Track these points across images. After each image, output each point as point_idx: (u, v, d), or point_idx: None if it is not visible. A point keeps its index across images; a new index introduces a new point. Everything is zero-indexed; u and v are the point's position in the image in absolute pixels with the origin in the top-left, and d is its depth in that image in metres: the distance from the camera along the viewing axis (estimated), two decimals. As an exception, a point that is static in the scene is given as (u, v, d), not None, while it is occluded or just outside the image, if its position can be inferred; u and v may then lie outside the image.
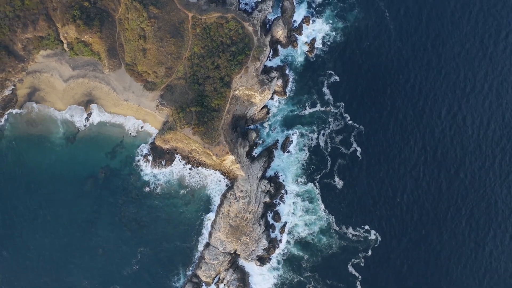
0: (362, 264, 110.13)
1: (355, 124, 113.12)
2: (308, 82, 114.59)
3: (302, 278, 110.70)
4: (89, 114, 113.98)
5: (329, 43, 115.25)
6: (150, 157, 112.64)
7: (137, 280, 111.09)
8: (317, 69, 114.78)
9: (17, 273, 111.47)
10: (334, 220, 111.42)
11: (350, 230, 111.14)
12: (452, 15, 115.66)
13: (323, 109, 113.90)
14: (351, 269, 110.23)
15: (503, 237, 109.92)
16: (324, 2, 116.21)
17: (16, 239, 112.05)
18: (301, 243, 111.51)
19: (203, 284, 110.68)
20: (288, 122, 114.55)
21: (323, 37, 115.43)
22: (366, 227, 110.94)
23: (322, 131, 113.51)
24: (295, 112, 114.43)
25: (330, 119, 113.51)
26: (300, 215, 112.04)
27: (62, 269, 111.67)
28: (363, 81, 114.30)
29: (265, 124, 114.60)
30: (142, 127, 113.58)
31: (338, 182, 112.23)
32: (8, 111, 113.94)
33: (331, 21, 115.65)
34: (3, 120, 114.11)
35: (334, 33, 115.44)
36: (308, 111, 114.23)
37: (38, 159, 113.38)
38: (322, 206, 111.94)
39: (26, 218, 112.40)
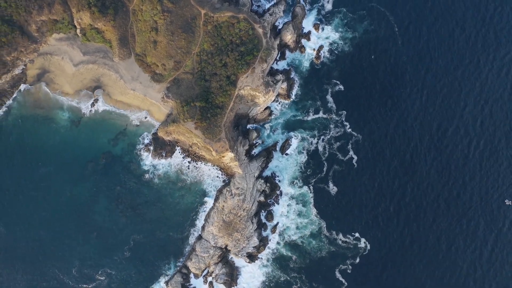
0: (349, 271, 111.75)
1: (354, 132, 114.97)
2: (313, 89, 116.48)
3: (289, 278, 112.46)
4: (96, 100, 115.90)
5: (336, 52, 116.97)
6: (151, 147, 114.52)
7: (128, 266, 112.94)
8: (323, 76, 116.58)
9: (13, 246, 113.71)
10: (325, 225, 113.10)
11: (340, 236, 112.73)
12: (459, 37, 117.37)
13: (325, 116, 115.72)
14: (338, 275, 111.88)
15: (489, 253, 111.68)
16: (334, 11, 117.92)
17: (13, 215, 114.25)
18: (291, 244, 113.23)
19: (192, 275, 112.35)
20: (290, 126, 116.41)
21: (331, 45, 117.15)
22: (357, 234, 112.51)
23: (322, 137, 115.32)
24: (298, 117, 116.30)
25: (331, 125, 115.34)
26: (293, 217, 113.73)
27: (56, 247, 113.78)
28: (366, 92, 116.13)
29: (267, 125, 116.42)
30: (146, 117, 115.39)
31: (332, 188, 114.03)
32: (17, 90, 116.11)
33: (340, 30, 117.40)
34: (11, 98, 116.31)
35: (342, 42, 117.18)
36: (311, 117, 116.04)
37: (42, 139, 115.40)
38: (315, 211, 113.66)
39: (25, 195, 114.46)
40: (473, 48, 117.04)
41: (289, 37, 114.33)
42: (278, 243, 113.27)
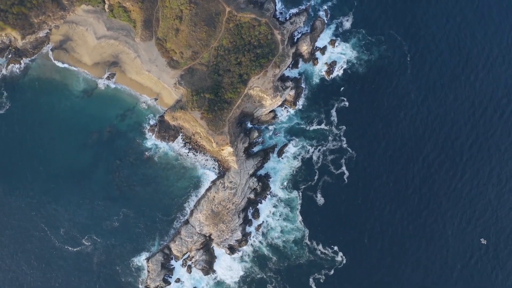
0: (322, 281, 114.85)
1: (349, 149, 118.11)
2: (319, 101, 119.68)
3: (265, 277, 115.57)
4: (111, 75, 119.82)
5: (348, 70, 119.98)
6: (156, 129, 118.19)
7: (114, 235, 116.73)
8: (331, 91, 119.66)
9: (7, 197, 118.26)
10: (308, 233, 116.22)
11: (320, 247, 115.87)
12: (467, 79, 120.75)
13: (326, 128, 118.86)
14: (311, 282, 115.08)
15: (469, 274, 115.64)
16: (352, 31, 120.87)
17: (14, 166, 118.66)
18: (273, 246, 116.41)
19: (173, 257, 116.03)
20: (292, 132, 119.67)
21: (344, 62, 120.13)
22: (336, 248, 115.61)
23: (319, 147, 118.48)
24: (301, 125, 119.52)
25: (330, 138, 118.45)
26: (278, 219, 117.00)
27: (49, 205, 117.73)
28: (369, 113, 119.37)
29: (271, 127, 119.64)
30: (156, 100, 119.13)
31: (320, 199, 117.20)
32: (39, 52, 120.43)
33: (356, 50, 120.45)
34: (30, 59, 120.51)
35: (356, 62, 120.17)
36: (313, 127, 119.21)
37: (53, 103, 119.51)
38: (300, 217, 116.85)
39: (29, 152, 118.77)
40: (475, 93, 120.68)
41: (305, 47, 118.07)
42: (261, 242, 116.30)
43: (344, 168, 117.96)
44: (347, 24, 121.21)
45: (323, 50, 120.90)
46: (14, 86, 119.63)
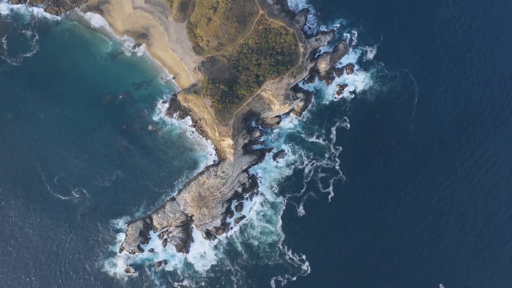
0: (282, 284, 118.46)
1: (340, 171, 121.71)
2: (323, 117, 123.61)
3: (232, 269, 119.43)
4: (138, 45, 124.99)
5: (358, 96, 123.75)
6: (166, 105, 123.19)
7: (103, 193, 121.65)
8: (336, 110, 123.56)
9: (11, 134, 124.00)
10: (283, 238, 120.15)
11: (290, 253, 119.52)
12: (467, 140, 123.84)
13: (323, 143, 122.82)
14: (272, 283, 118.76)
15: None
16: (373, 61, 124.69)
17: (26, 106, 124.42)
18: (247, 243, 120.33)
19: (152, 227, 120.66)
20: (292, 139, 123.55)
21: (356, 88, 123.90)
22: (304, 257, 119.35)
23: (314, 161, 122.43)
24: (302, 135, 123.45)
25: (326, 155, 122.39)
26: (261, 220, 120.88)
27: (50, 152, 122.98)
28: (367, 142, 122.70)
29: (272, 131, 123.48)
30: (174, 78, 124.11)
31: (301, 210, 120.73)
32: (77, 7, 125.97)
33: (371, 80, 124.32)
34: (67, 12, 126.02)
35: (367, 90, 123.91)
36: (312, 139, 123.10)
37: (78, 57, 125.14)
38: (280, 223, 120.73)
39: (44, 95, 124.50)
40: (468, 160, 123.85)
41: (323, 66, 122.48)
42: (237, 237, 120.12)
43: (331, 188, 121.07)
44: (369, 54, 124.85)
45: (339, 72, 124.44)
46: (47, 32, 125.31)
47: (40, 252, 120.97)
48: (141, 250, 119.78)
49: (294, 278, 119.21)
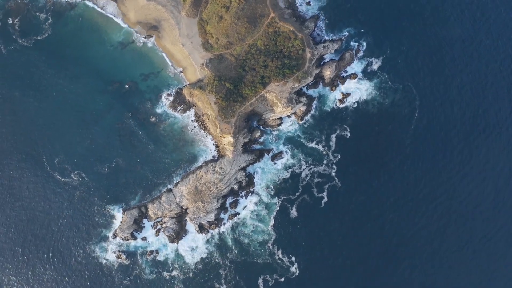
0: (270, 284, 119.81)
1: (336, 178, 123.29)
2: (324, 123, 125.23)
3: (221, 263, 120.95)
4: (148, 36, 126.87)
5: (360, 106, 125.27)
6: (171, 98, 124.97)
7: (102, 179, 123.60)
8: (337, 118, 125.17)
9: (19, 113, 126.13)
10: (273, 238, 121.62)
11: (280, 253, 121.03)
12: (460, 155, 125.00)
13: (322, 150, 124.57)
14: (260, 281, 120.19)
15: None
16: (377, 72, 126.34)
17: (35, 87, 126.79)
18: (238, 240, 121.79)
19: (147, 216, 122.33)
20: (292, 143, 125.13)
21: (359, 97, 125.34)
22: (293, 258, 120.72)
23: (312, 166, 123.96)
24: (301, 140, 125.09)
25: (324, 161, 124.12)
26: (255, 219, 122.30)
27: (54, 133, 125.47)
28: (365, 152, 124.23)
29: (273, 132, 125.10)
30: (181, 72, 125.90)
31: (294, 212, 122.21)
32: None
33: (374, 91, 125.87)
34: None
35: (370, 100, 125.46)
36: (312, 145, 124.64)
37: (89, 44, 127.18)
38: (272, 222, 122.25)
39: (52, 78, 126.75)
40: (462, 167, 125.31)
41: (328, 73, 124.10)
42: (229, 233, 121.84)
43: (325, 193, 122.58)
44: (374, 65, 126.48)
45: (344, 80, 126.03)
46: (60, 16, 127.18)
47: (32, 229, 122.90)
48: (134, 238, 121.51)
49: (282, 279, 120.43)
